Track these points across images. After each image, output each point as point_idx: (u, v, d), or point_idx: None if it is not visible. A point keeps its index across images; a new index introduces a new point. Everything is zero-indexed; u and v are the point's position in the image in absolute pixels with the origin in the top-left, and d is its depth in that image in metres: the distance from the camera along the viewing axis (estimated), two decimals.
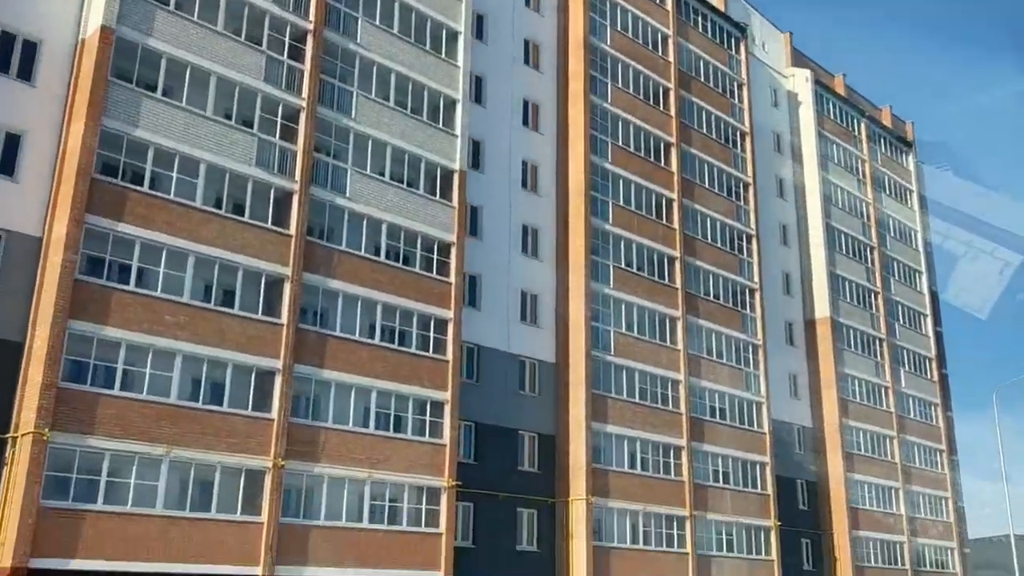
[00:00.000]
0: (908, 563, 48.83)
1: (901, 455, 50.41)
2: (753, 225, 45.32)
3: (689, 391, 39.20)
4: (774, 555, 41.10)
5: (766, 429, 42.64)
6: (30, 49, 24.36)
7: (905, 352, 53.79)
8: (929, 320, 57.02)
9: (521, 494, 33.16)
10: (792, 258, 49.81)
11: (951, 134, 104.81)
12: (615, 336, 37.01)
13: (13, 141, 23.68)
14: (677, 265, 40.46)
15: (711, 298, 42.08)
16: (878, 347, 51.82)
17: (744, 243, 44.92)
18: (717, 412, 40.88)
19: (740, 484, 40.78)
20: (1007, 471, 46.84)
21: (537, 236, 36.77)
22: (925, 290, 57.63)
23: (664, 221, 40.62)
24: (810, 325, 48.95)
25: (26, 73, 24.24)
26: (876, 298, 52.78)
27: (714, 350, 41.56)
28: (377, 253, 29.54)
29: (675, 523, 37.07)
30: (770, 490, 42.10)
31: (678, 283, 40.18)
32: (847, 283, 50.87)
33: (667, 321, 39.39)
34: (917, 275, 57.63)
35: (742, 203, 45.45)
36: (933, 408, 54.93)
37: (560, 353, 35.84)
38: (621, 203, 38.80)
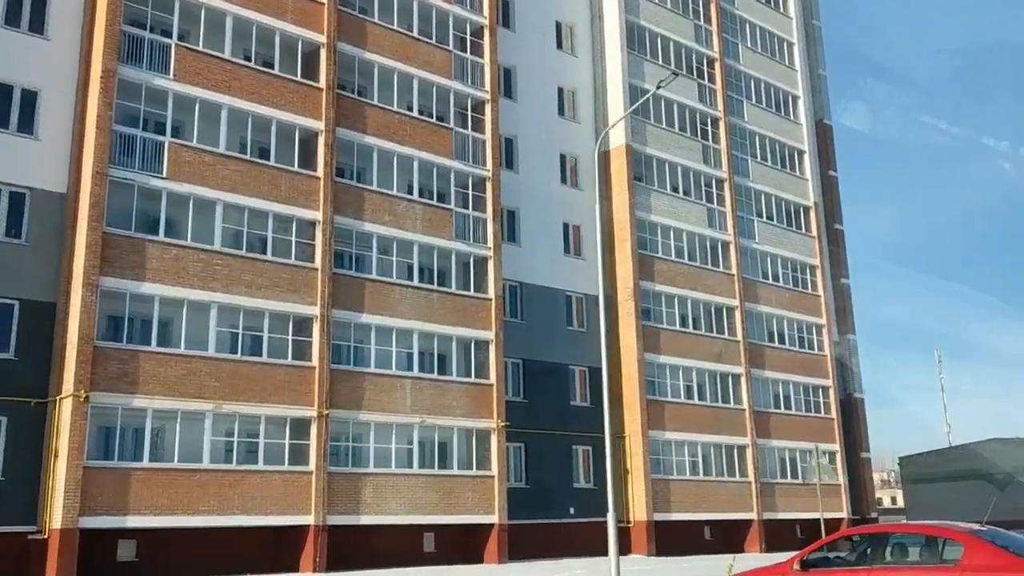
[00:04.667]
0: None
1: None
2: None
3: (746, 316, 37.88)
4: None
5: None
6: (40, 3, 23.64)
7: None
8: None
9: (575, 431, 32.44)
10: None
11: None
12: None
13: (30, 98, 23.02)
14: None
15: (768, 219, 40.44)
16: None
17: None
18: (776, 337, 39.57)
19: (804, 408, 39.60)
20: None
21: (577, 165, 35.41)
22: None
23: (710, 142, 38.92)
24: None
25: (38, 26, 23.48)
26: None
27: (770, 272, 40.11)
28: (409, 191, 28.57)
29: (735, 451, 36.12)
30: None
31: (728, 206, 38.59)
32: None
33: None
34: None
35: None
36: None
37: (608, 286, 34.73)
38: (664, 126, 37.14)
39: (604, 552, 18.66)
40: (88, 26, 23.91)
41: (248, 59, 25.77)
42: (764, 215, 40.78)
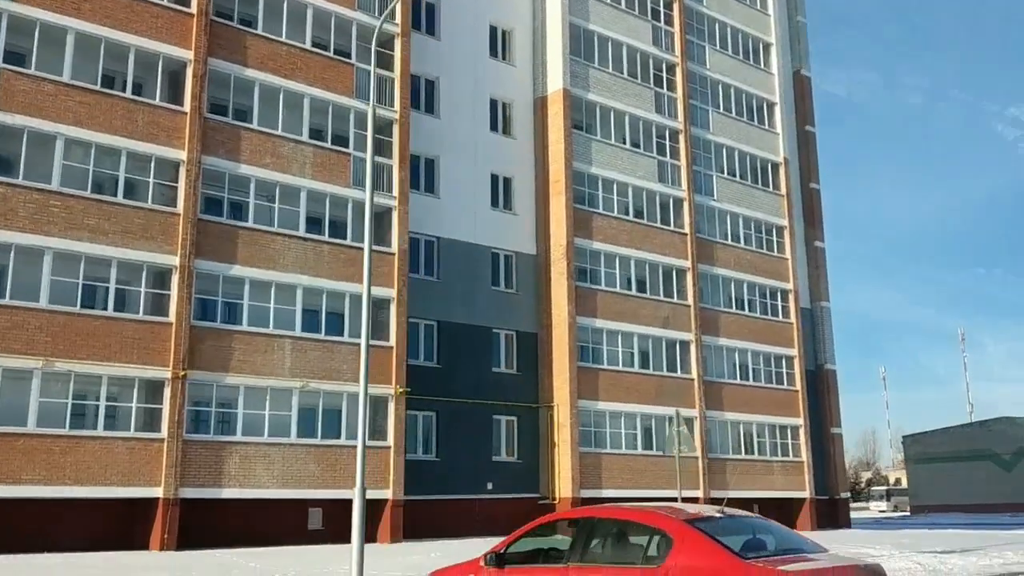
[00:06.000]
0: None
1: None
2: None
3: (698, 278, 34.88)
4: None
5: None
6: None
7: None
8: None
9: (497, 400, 29.70)
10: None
11: None
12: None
13: None
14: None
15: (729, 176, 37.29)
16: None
17: None
18: (735, 302, 36.57)
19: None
20: None
21: (511, 111, 32.43)
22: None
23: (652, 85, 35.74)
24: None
25: None
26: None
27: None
28: (299, 132, 25.79)
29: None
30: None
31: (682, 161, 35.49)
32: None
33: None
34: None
35: None
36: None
37: (540, 244, 31.84)
38: (610, 70, 34.02)
39: None
40: None
41: None
42: (726, 171, 37.59)
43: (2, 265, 20.56)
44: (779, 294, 38.33)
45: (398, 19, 28.22)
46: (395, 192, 27.12)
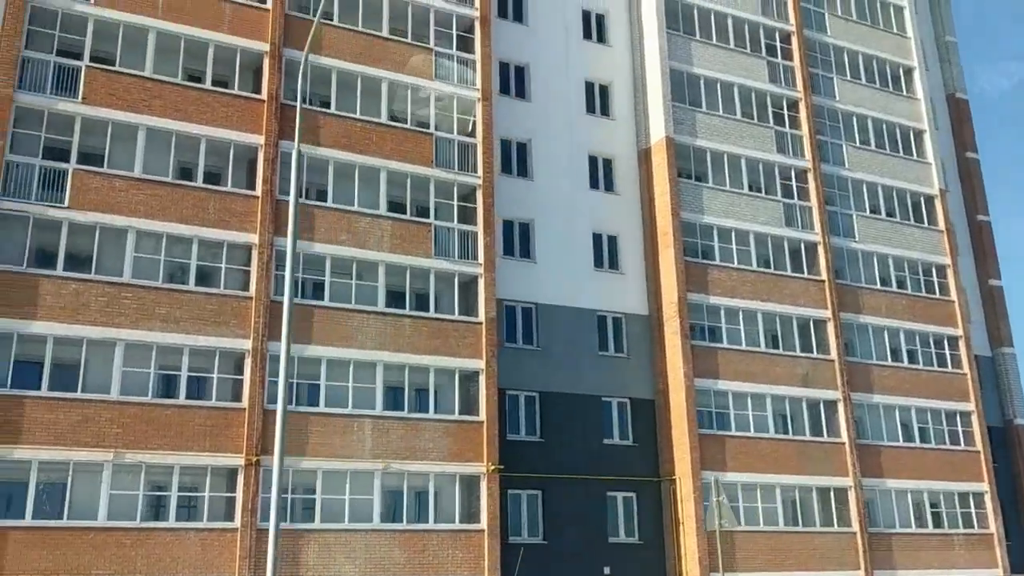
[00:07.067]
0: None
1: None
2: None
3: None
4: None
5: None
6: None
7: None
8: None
9: (611, 474, 27.35)
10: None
11: None
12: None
13: None
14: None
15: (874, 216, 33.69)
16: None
17: None
18: (889, 353, 32.48)
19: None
20: None
21: (611, 167, 30.76)
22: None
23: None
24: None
25: None
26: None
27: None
28: (375, 206, 25.27)
29: (832, 495, 29.39)
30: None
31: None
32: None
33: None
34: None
35: None
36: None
37: (652, 303, 29.59)
38: (720, 113, 31.77)
39: None
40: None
41: (178, 76, 23.61)
42: (868, 208, 33.99)
43: (74, 360, 20.87)
44: (946, 341, 33.76)
45: (478, 83, 27.49)
46: (480, 259, 25.94)
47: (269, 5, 25.03)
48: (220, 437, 21.63)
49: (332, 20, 26.03)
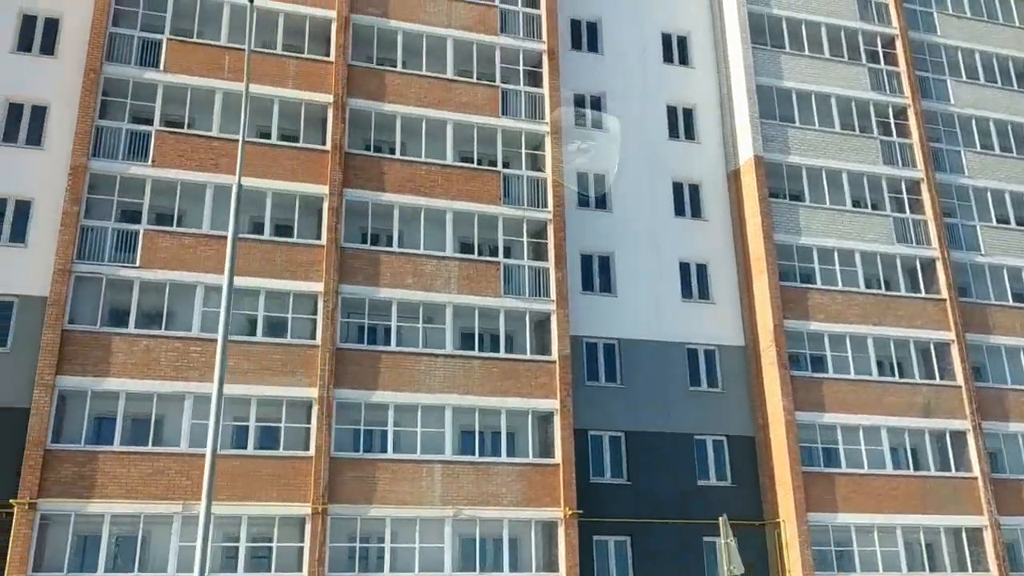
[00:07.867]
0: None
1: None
2: None
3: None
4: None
5: None
6: None
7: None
8: None
9: (706, 518, 25.57)
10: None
11: None
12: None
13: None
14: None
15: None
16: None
17: None
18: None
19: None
20: None
21: (698, 193, 29.36)
22: None
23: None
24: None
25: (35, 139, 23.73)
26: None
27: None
28: (442, 247, 24.97)
29: (964, 535, 26.45)
30: None
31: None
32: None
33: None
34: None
35: None
36: None
37: (748, 333, 27.82)
38: (816, 127, 29.87)
39: None
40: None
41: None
42: (993, 218, 30.94)
43: (145, 414, 21.45)
44: None
45: (547, 116, 26.94)
46: (552, 295, 25.13)
47: (332, 57, 25.42)
48: (288, 487, 21.62)
49: (396, 67, 26.20)
